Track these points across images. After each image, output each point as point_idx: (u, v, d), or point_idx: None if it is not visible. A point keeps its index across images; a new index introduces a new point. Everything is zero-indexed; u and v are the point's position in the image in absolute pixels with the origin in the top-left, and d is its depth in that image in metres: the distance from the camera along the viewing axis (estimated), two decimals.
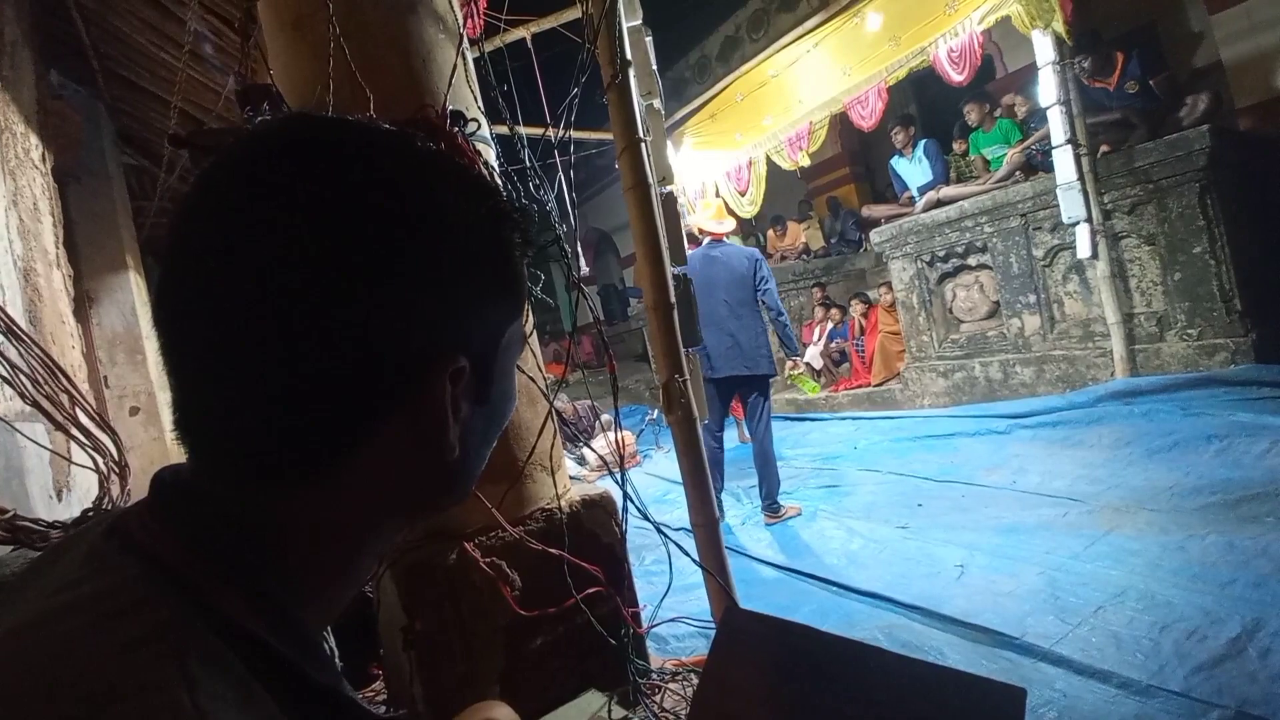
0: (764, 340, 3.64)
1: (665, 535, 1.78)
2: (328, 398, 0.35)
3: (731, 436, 5.48)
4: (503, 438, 1.65)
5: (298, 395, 0.34)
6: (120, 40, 4.04)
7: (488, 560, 1.52)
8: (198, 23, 3.15)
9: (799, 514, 3.57)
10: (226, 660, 0.30)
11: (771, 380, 3.78)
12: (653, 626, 2.01)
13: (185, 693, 0.27)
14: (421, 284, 0.36)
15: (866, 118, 5.84)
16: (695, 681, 1.73)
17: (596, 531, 1.71)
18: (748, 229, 9.53)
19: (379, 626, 1.73)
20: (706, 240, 3.76)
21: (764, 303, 3.70)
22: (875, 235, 5.95)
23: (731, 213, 4.63)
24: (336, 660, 0.48)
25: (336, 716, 0.37)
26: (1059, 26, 4.14)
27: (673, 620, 2.09)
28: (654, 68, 2.26)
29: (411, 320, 0.36)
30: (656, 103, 2.25)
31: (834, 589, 2.64)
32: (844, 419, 5.82)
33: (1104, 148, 4.35)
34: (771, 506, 3.56)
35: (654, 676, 1.73)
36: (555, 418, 1.76)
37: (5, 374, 1.80)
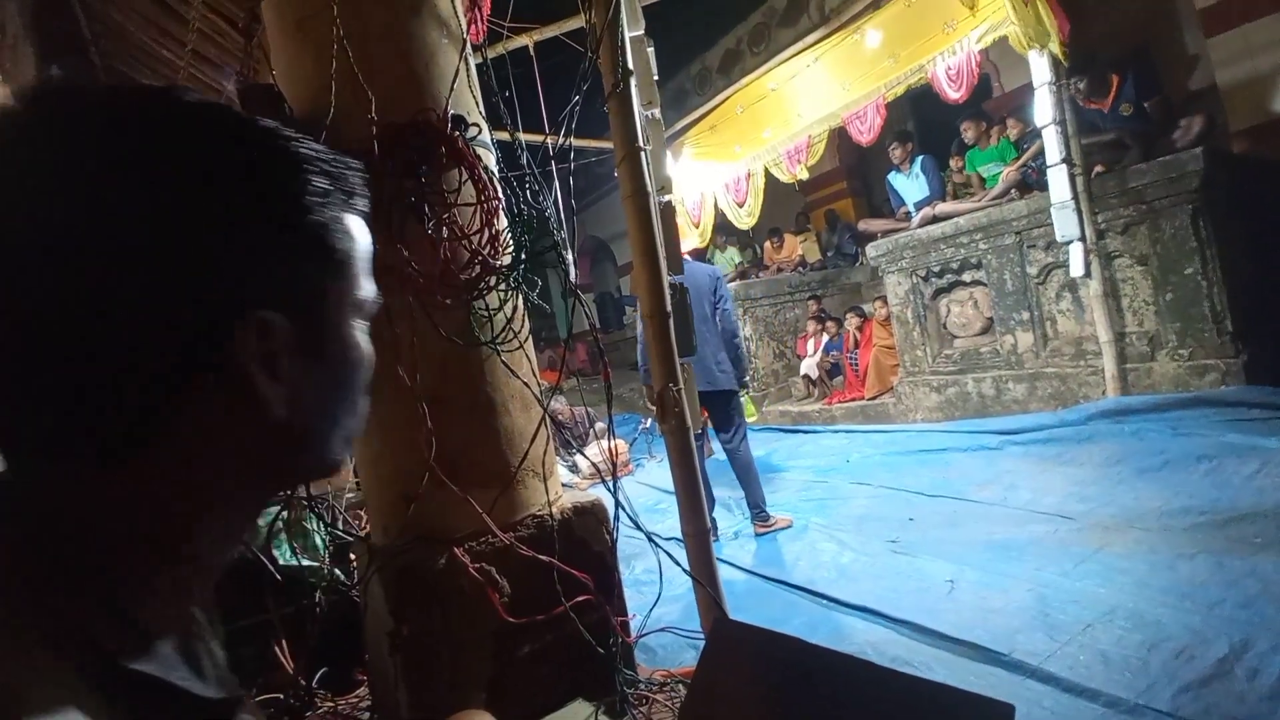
0: (723, 357, 3.63)
1: (656, 544, 1.77)
2: (117, 372, 0.34)
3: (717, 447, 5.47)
4: (495, 443, 1.65)
5: (84, 374, 0.33)
6: (121, 37, 4.04)
7: (477, 566, 1.51)
8: (201, 21, 3.15)
9: (790, 525, 3.57)
10: (35, 650, 0.30)
11: (739, 394, 3.76)
12: (641, 636, 2.00)
13: None
14: (195, 240, 0.35)
15: (865, 133, 5.89)
16: (683, 693, 1.72)
17: (587, 539, 1.71)
18: (745, 240, 9.57)
19: (364, 631, 1.72)
20: None
21: (719, 322, 3.70)
22: (871, 249, 5.98)
23: (727, 224, 4.65)
24: (211, 651, 0.47)
25: (166, 707, 0.35)
26: (1055, 47, 4.20)
27: (662, 630, 2.08)
28: (655, 78, 2.27)
29: (190, 280, 0.35)
30: (656, 112, 2.26)
31: (824, 602, 2.63)
32: (837, 432, 5.82)
33: (1098, 168, 4.40)
34: (760, 516, 3.56)
35: (642, 687, 1.72)
36: (550, 423, 1.76)
37: None
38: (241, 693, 0.43)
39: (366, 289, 0.45)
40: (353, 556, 2.06)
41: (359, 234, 0.45)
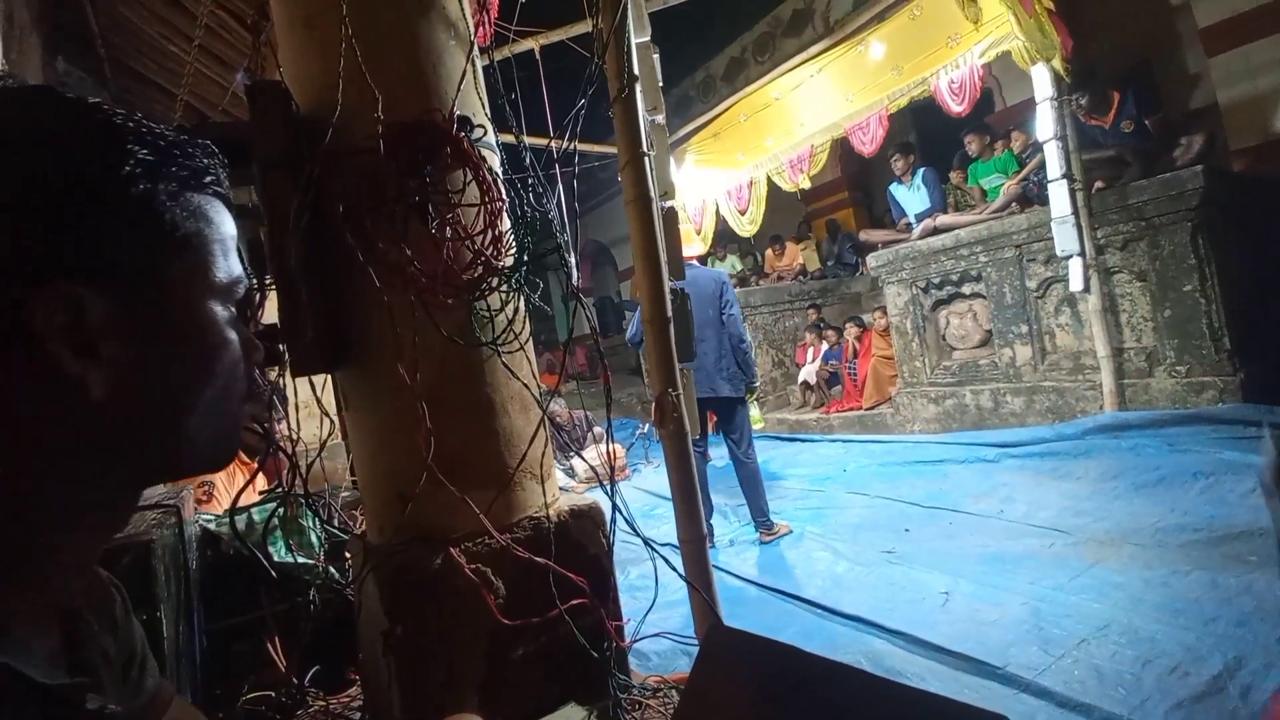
0: (727, 363, 3.64)
1: (652, 548, 1.77)
2: None
3: (723, 453, 5.47)
4: (494, 443, 1.65)
5: None
6: (128, 30, 4.05)
7: (473, 567, 1.50)
8: (209, 18, 3.16)
9: (789, 532, 3.58)
10: None
11: (744, 401, 3.76)
12: (636, 641, 1.99)
13: None
14: None
15: (867, 143, 5.92)
16: (677, 699, 1.71)
17: (584, 542, 1.70)
18: (745, 248, 9.59)
19: (358, 630, 1.71)
20: None
21: (726, 326, 3.70)
22: (872, 260, 6.00)
23: (727, 231, 4.66)
24: (99, 640, 0.46)
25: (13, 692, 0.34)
26: (1058, 63, 4.22)
27: (656, 635, 2.07)
28: (660, 84, 2.28)
29: None
30: (661, 118, 2.27)
31: (819, 611, 2.63)
32: (835, 441, 5.82)
33: (1098, 184, 4.42)
34: (765, 524, 3.56)
35: (635, 692, 1.71)
36: (548, 425, 1.76)
37: None
38: (89, 680, 0.41)
39: (223, 271, 0.44)
40: (348, 555, 2.05)
41: (211, 214, 0.44)
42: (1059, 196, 4.30)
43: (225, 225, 0.45)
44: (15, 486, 0.37)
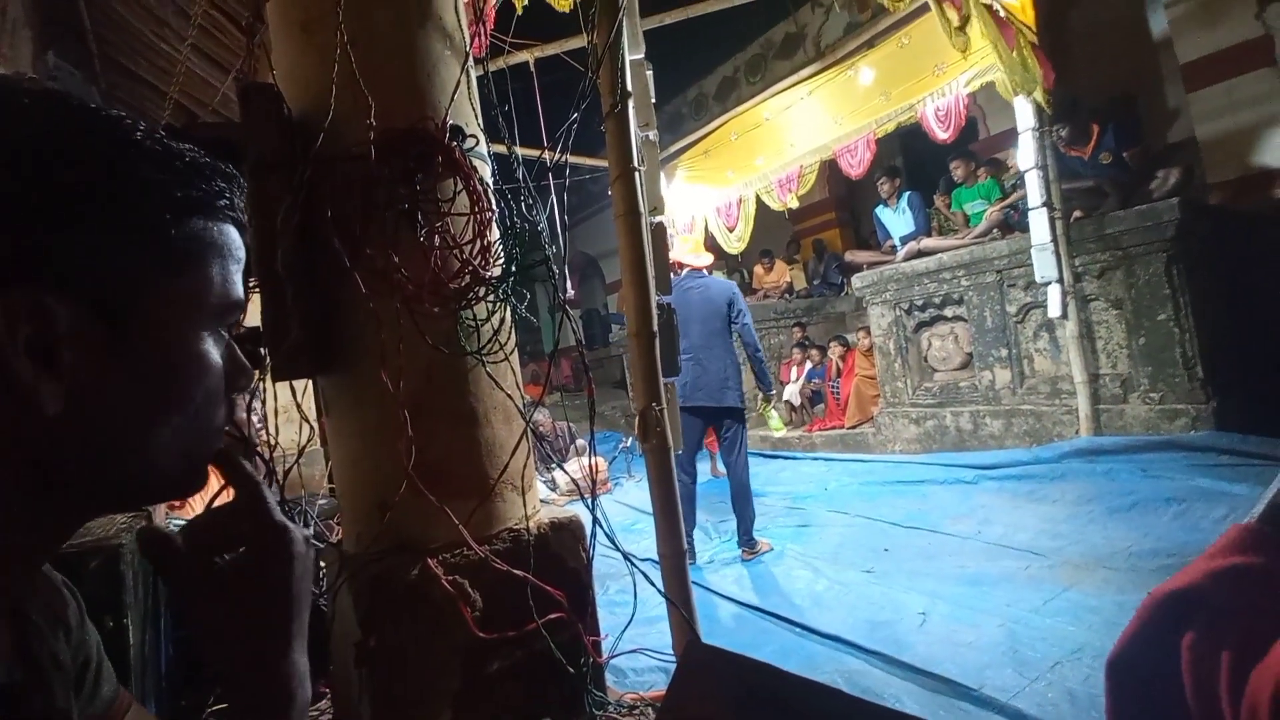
0: (732, 374, 3.66)
1: (632, 562, 1.76)
2: None
3: (705, 470, 5.47)
4: (475, 454, 1.64)
5: None
6: (121, 27, 4.02)
7: (450, 578, 1.48)
8: (203, 18, 3.15)
9: (770, 549, 3.58)
10: None
11: (745, 413, 3.79)
12: (613, 657, 1.97)
13: None
14: None
15: (855, 166, 6.02)
16: (653, 717, 1.69)
17: (563, 555, 1.69)
18: (733, 265, 9.67)
19: (330, 640, 1.68)
20: (685, 271, 3.83)
21: (740, 337, 3.73)
22: (857, 280, 6.07)
23: (715, 248, 4.70)
24: (46, 641, 0.46)
25: None
26: (1039, 96, 4.33)
27: (634, 651, 2.05)
28: (652, 101, 2.31)
29: None
30: (652, 134, 2.30)
31: (797, 630, 2.63)
32: (816, 459, 5.85)
33: (1077, 213, 4.52)
34: (749, 542, 3.56)
35: (612, 709, 1.69)
36: (531, 437, 1.75)
37: None
38: (33, 679, 0.41)
39: (219, 295, 0.43)
40: (322, 564, 2.02)
41: (217, 238, 0.43)
42: (1039, 224, 4.39)
43: (231, 249, 0.44)
44: None
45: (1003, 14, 4.07)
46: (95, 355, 0.37)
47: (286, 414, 1.75)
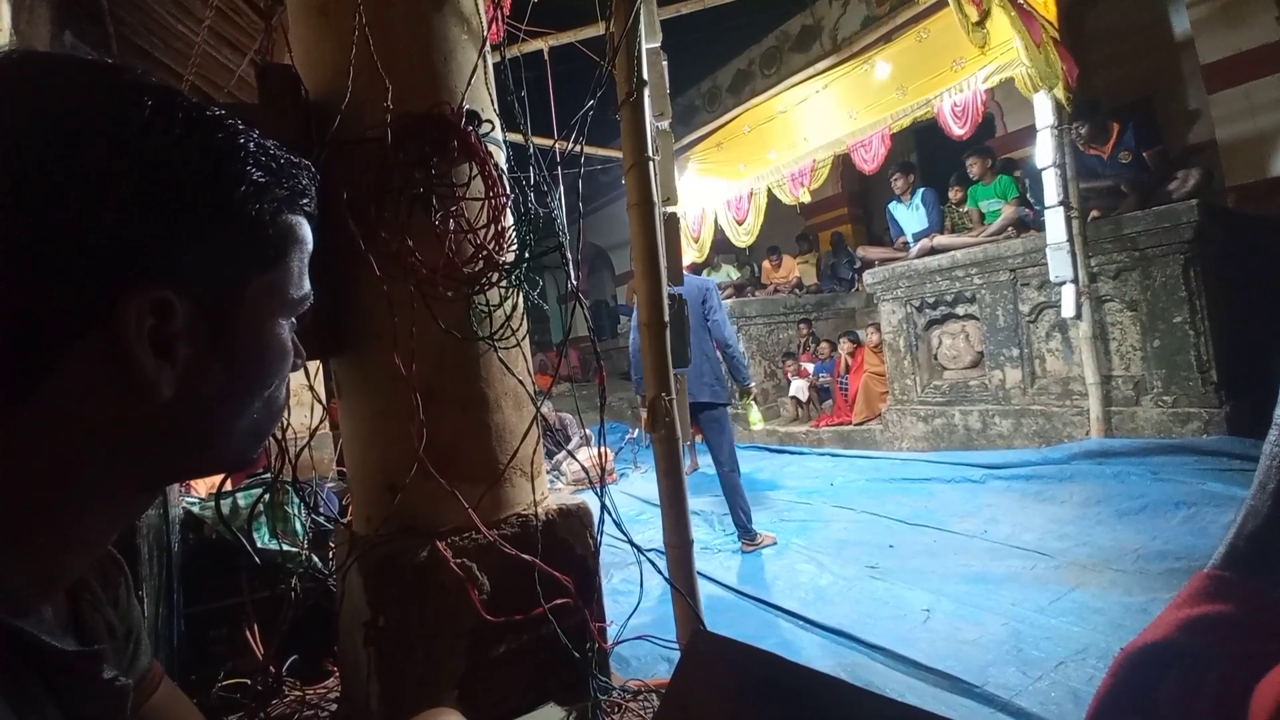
0: (710, 369, 3.63)
1: (639, 550, 1.77)
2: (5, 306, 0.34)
3: (705, 462, 5.47)
4: (485, 438, 1.65)
5: None
6: (138, 8, 4.03)
7: (458, 561, 1.50)
8: (220, 0, 3.16)
9: (774, 543, 3.58)
10: None
11: (726, 409, 3.76)
12: (618, 644, 1.98)
13: None
14: (102, 200, 0.35)
15: (869, 161, 5.96)
16: (657, 704, 1.71)
17: (570, 541, 1.70)
18: (742, 258, 9.63)
19: (339, 620, 1.70)
20: None
21: (710, 333, 3.69)
22: (868, 276, 6.04)
23: (724, 240, 4.66)
24: (106, 616, 0.47)
25: (35, 658, 0.36)
26: (1060, 92, 4.28)
27: (638, 639, 2.07)
28: (668, 91, 2.30)
29: (80, 239, 0.35)
30: (667, 124, 2.29)
31: (800, 623, 2.63)
32: (823, 454, 5.84)
33: (1094, 213, 4.47)
34: (747, 534, 3.56)
35: (616, 694, 1.71)
36: (541, 424, 1.75)
37: None
38: (101, 649, 0.42)
39: (297, 288, 0.45)
40: (332, 544, 2.04)
41: (299, 233, 0.45)
42: (1055, 223, 4.34)
43: (308, 244, 0.46)
44: (47, 466, 0.37)
45: (1026, 6, 4.02)
46: (201, 345, 0.39)
47: (297, 396, 1.76)
